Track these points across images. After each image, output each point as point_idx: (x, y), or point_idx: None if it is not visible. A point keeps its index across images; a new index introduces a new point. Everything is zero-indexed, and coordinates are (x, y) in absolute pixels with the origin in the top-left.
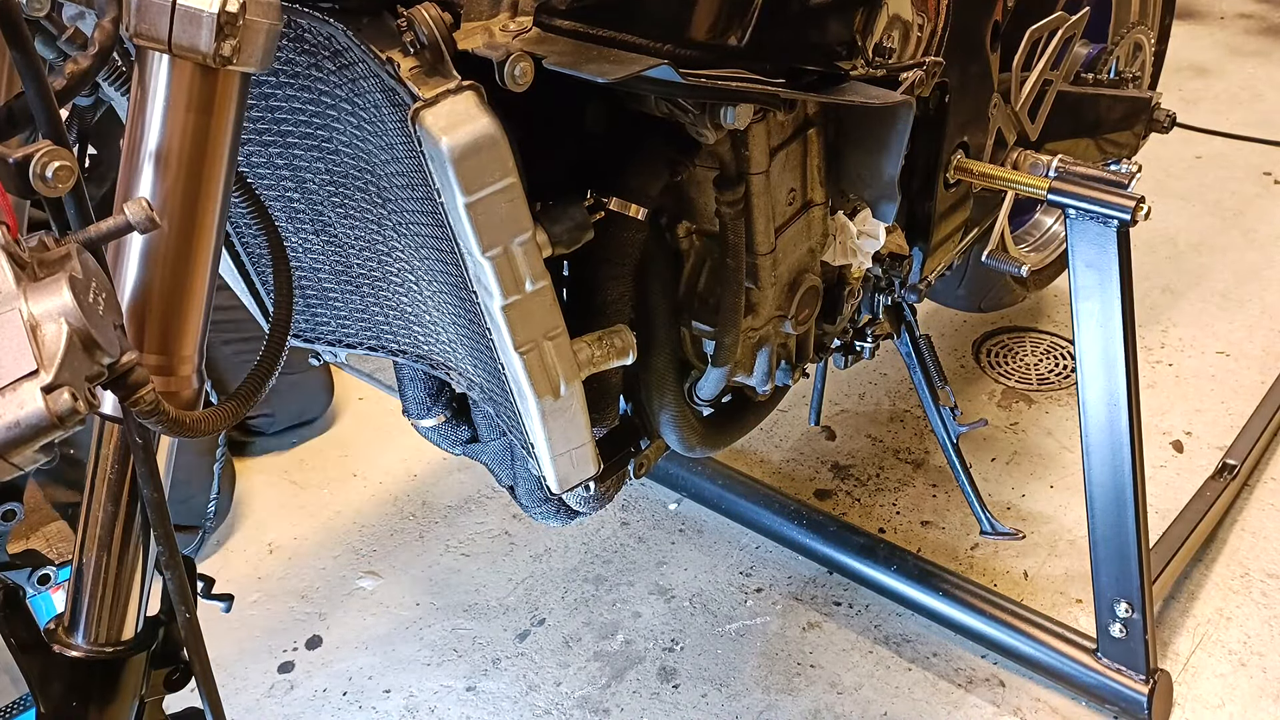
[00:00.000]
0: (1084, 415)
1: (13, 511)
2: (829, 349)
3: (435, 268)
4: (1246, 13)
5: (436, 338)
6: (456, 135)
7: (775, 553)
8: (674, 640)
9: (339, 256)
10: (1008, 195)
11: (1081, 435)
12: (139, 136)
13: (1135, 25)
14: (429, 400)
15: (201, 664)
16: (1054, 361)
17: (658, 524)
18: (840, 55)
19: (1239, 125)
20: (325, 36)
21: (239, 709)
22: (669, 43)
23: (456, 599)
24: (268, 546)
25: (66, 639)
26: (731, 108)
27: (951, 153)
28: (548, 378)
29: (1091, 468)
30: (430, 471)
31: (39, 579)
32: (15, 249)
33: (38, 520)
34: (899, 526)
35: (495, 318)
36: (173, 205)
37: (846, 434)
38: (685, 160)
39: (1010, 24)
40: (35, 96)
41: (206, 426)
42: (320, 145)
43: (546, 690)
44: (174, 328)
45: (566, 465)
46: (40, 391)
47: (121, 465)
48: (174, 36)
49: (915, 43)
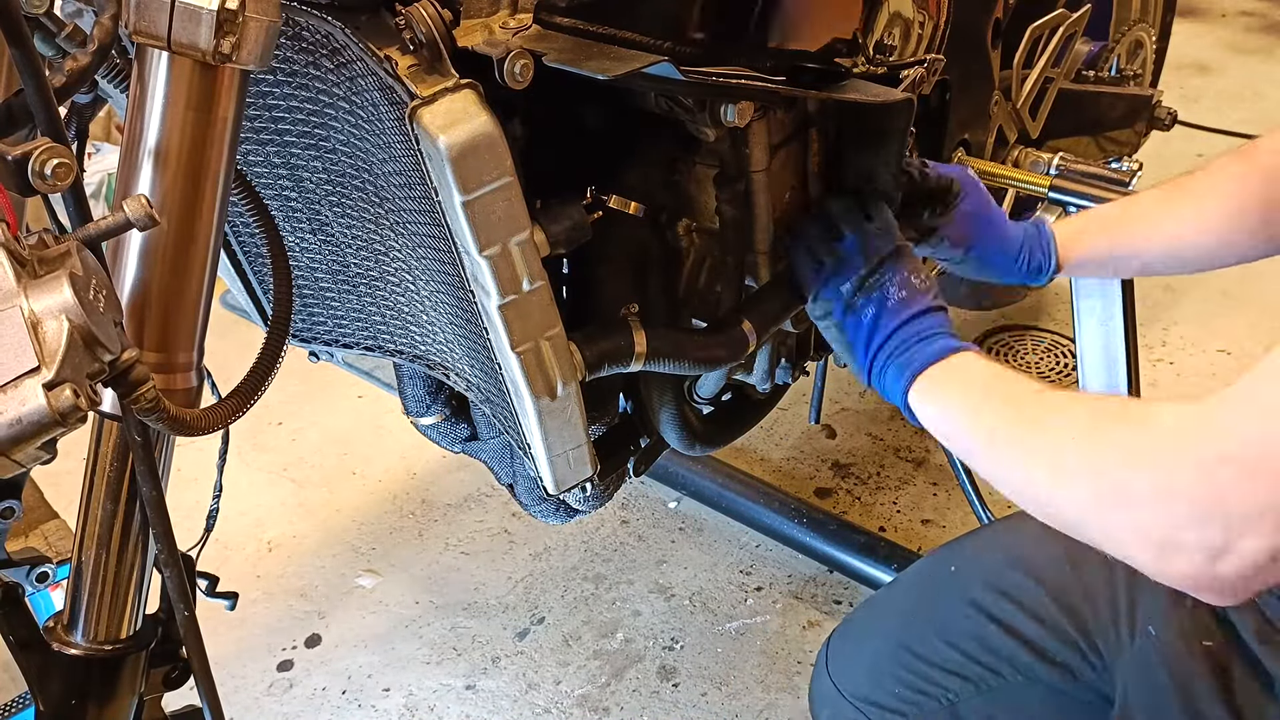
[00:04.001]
0: None
1: (11, 509)
2: (829, 347)
3: (432, 267)
4: (1248, 10)
5: (434, 338)
6: (454, 134)
7: (775, 551)
8: (674, 639)
9: (336, 256)
10: (1009, 193)
11: None
12: (138, 134)
13: (1136, 23)
14: (428, 398)
15: (200, 662)
16: (1055, 359)
17: (658, 522)
18: (841, 53)
19: (1240, 123)
20: (323, 35)
21: (238, 707)
22: (669, 39)
23: (456, 597)
24: (267, 545)
25: (65, 637)
26: (732, 105)
27: (953, 150)
28: (545, 378)
29: None
30: (429, 469)
31: (38, 577)
32: (15, 246)
33: (37, 518)
34: (899, 525)
35: (492, 317)
36: (172, 203)
37: (847, 432)
38: (685, 158)
39: (1011, 21)
40: (34, 94)
41: (206, 424)
42: (318, 144)
43: (546, 689)
44: (173, 325)
45: (563, 466)
46: (42, 388)
47: (120, 463)
48: (173, 33)
49: (916, 40)
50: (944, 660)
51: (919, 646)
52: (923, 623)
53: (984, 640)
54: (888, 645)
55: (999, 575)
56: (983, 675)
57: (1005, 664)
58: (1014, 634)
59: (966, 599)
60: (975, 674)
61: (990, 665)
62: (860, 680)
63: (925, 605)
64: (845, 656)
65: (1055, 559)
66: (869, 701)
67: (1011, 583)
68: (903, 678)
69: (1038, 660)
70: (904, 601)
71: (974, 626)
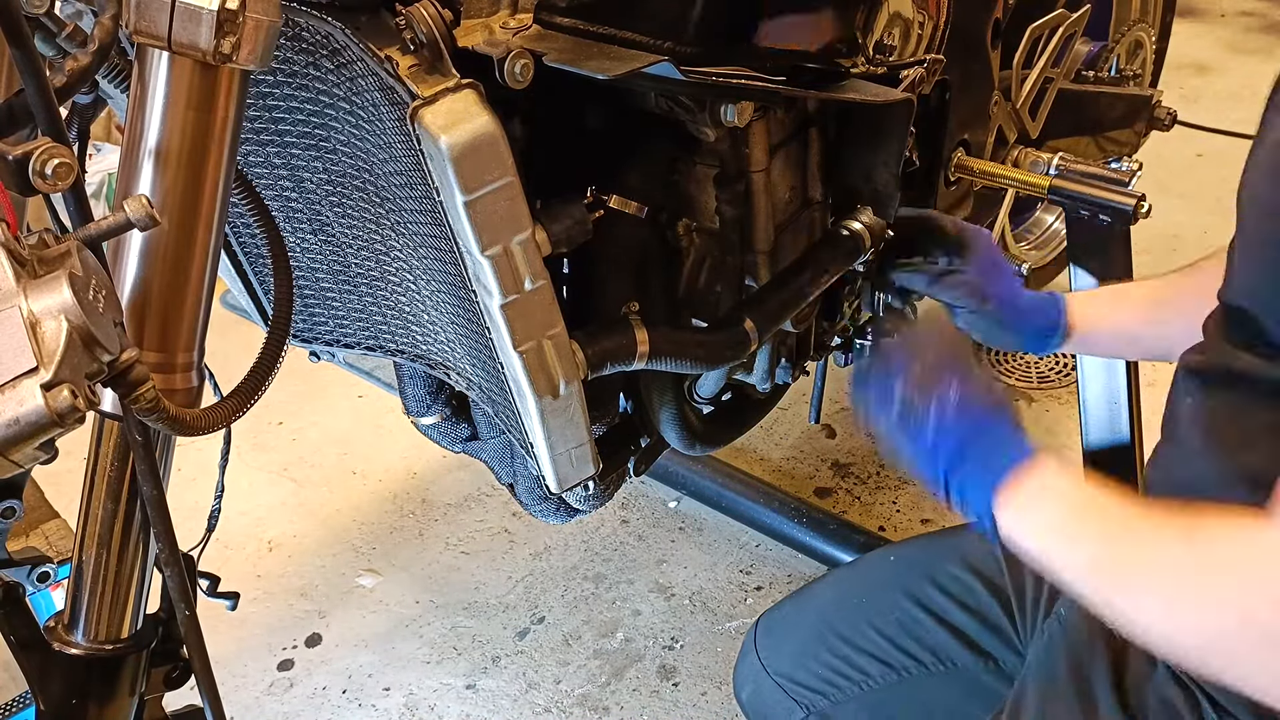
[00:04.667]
0: (1084, 413)
1: (12, 509)
2: (829, 346)
3: (434, 267)
4: (1248, 10)
5: (435, 337)
6: (455, 134)
7: (775, 551)
8: (674, 638)
9: (337, 256)
10: (1008, 193)
11: (1081, 433)
12: (138, 134)
13: (1136, 23)
14: (429, 398)
15: (201, 661)
16: (1054, 359)
17: (658, 522)
18: (841, 53)
19: (1240, 123)
20: (323, 35)
21: (238, 707)
22: (669, 39)
23: (456, 597)
24: (267, 544)
25: (66, 636)
26: (732, 105)
27: (952, 150)
28: (547, 377)
29: (1092, 466)
30: (430, 469)
31: (38, 576)
32: (15, 246)
33: (37, 518)
34: (899, 524)
35: (494, 317)
36: (172, 203)
37: (847, 432)
38: (685, 158)
39: (1011, 21)
40: (35, 94)
41: (206, 424)
42: (318, 145)
43: (546, 688)
44: (173, 325)
45: (565, 465)
46: (40, 389)
47: (121, 463)
48: (174, 34)
49: (916, 40)
50: (870, 645)
51: (847, 630)
52: (854, 608)
53: (911, 629)
54: (817, 627)
55: (936, 567)
56: (905, 663)
57: (929, 653)
58: (943, 623)
59: (901, 588)
60: (898, 661)
61: (914, 654)
62: (785, 659)
63: (858, 591)
64: (775, 636)
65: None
66: (791, 680)
67: (947, 574)
68: (826, 660)
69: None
70: (838, 588)
71: (904, 614)
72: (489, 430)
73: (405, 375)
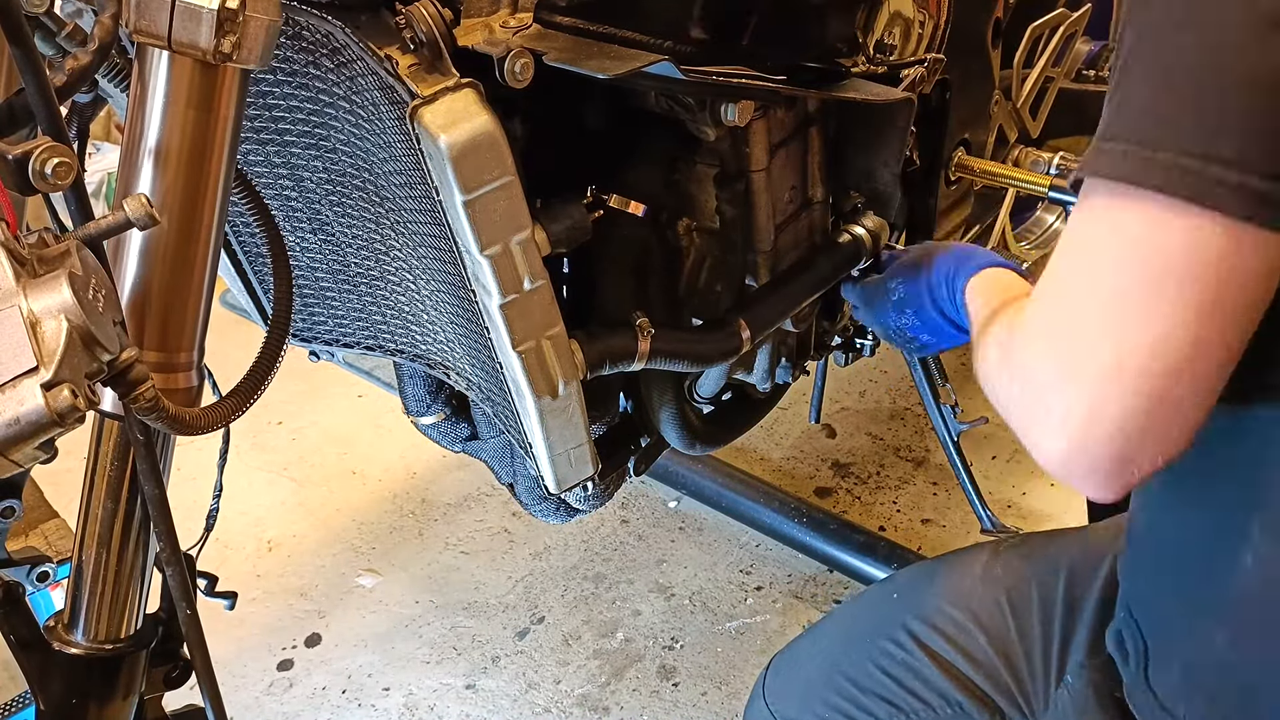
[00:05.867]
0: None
1: (12, 508)
2: (829, 346)
3: (433, 266)
4: None
5: (434, 337)
6: (455, 133)
7: (775, 550)
8: (674, 638)
9: (336, 256)
10: (1009, 193)
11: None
12: (138, 133)
13: None
14: (428, 397)
15: (202, 661)
16: None
17: (658, 522)
18: (841, 52)
19: None
20: (323, 34)
21: (238, 706)
22: (669, 38)
23: (456, 597)
24: (267, 544)
25: (66, 636)
26: (732, 104)
27: (953, 150)
28: (546, 377)
29: None
30: (429, 469)
31: (38, 576)
32: (14, 246)
33: (37, 517)
34: (899, 524)
35: (494, 316)
36: (172, 202)
37: (847, 432)
38: (685, 157)
39: (1012, 21)
40: (35, 93)
41: (206, 423)
42: (318, 144)
43: (546, 688)
44: (173, 324)
45: (565, 465)
46: (40, 388)
47: (121, 462)
48: (174, 33)
49: (916, 40)
50: (876, 686)
51: (853, 670)
52: (859, 648)
53: (918, 671)
54: (823, 668)
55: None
56: (914, 706)
57: (937, 696)
58: (948, 671)
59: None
60: (906, 704)
61: (922, 696)
62: (792, 703)
63: (864, 630)
64: (783, 677)
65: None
66: None
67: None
68: (834, 702)
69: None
70: (844, 626)
71: (909, 657)
72: (489, 430)
73: (405, 375)
